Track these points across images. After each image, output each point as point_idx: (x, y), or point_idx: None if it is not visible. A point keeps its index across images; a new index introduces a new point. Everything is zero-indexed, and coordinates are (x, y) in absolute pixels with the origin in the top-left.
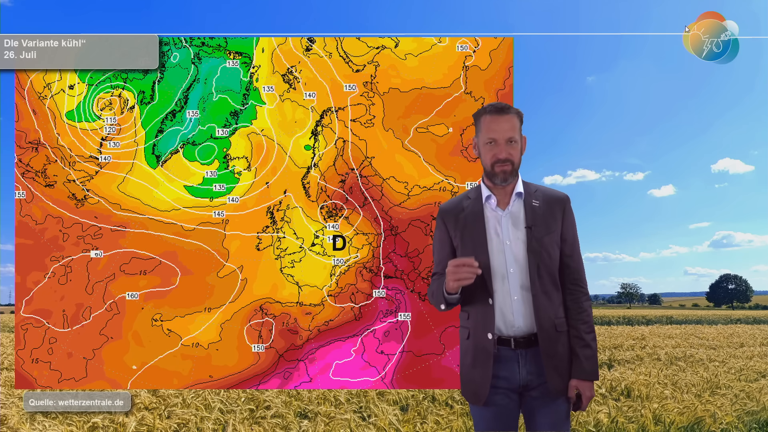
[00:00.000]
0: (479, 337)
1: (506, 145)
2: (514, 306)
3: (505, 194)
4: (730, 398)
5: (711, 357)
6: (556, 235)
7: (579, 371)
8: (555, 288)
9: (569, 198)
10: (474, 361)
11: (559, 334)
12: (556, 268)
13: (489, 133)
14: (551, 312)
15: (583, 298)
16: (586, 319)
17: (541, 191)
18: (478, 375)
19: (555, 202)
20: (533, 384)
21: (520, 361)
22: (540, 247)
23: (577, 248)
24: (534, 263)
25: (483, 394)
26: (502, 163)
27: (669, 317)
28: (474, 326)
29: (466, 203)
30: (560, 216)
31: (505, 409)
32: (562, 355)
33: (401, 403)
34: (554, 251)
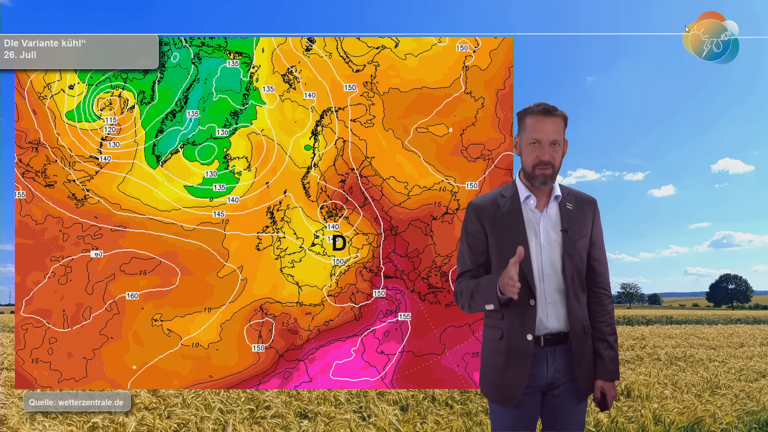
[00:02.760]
0: (516, 338)
1: (550, 147)
2: (549, 309)
3: (543, 195)
4: (730, 398)
5: (711, 357)
6: (587, 239)
7: (604, 372)
8: (583, 291)
9: (597, 201)
10: (507, 362)
11: (586, 336)
12: (584, 270)
13: (534, 133)
14: (581, 314)
15: (607, 301)
16: (609, 321)
17: (572, 194)
18: (513, 376)
19: (586, 205)
20: (558, 382)
21: (549, 359)
22: (574, 250)
23: (603, 251)
24: (570, 266)
25: (515, 396)
26: (543, 166)
27: (669, 317)
28: (509, 327)
29: (501, 201)
30: (591, 219)
31: (529, 410)
32: (588, 357)
33: (401, 403)
34: (585, 254)
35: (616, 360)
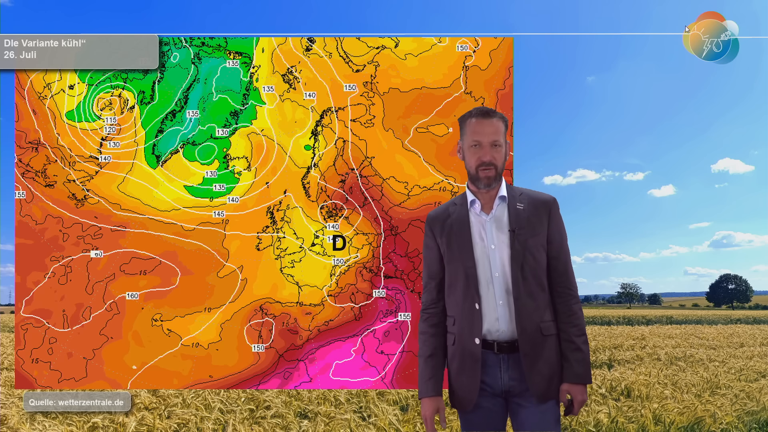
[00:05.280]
0: (466, 342)
1: (491, 148)
2: (500, 310)
3: (489, 198)
4: (730, 398)
5: (711, 357)
6: (542, 237)
7: (570, 375)
8: (541, 290)
9: (557, 201)
10: (461, 367)
11: (545, 338)
12: (542, 271)
13: (474, 135)
14: (536, 315)
15: (572, 301)
16: (575, 322)
17: (526, 194)
18: (466, 380)
19: (541, 205)
20: (516, 390)
21: (502, 366)
22: (524, 249)
23: (564, 251)
24: (517, 266)
25: (471, 400)
26: (485, 167)
27: (669, 317)
28: (460, 331)
29: (452, 209)
30: (546, 218)
31: (491, 412)
32: (549, 359)
33: (401, 403)
34: (540, 254)
35: (584, 362)
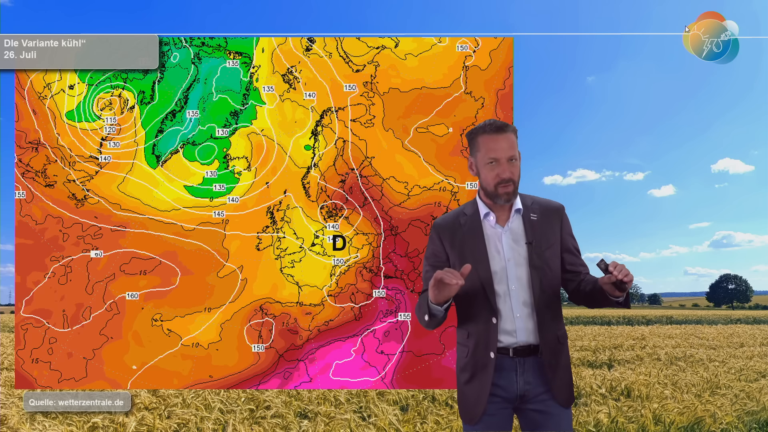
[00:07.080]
0: (480, 356)
1: (508, 164)
2: (518, 323)
3: (504, 210)
4: (730, 398)
5: (711, 357)
6: (557, 247)
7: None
8: (556, 300)
9: (564, 207)
10: (471, 377)
11: (561, 346)
12: (558, 280)
13: (489, 153)
14: (553, 325)
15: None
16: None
17: (537, 203)
18: (475, 389)
19: (552, 213)
20: (530, 395)
21: (518, 370)
22: (542, 262)
23: (576, 246)
24: (537, 279)
25: (478, 412)
26: (505, 184)
27: (669, 317)
28: (475, 345)
29: (463, 219)
30: (558, 226)
31: (497, 425)
32: (566, 365)
33: (401, 403)
34: (555, 264)
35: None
